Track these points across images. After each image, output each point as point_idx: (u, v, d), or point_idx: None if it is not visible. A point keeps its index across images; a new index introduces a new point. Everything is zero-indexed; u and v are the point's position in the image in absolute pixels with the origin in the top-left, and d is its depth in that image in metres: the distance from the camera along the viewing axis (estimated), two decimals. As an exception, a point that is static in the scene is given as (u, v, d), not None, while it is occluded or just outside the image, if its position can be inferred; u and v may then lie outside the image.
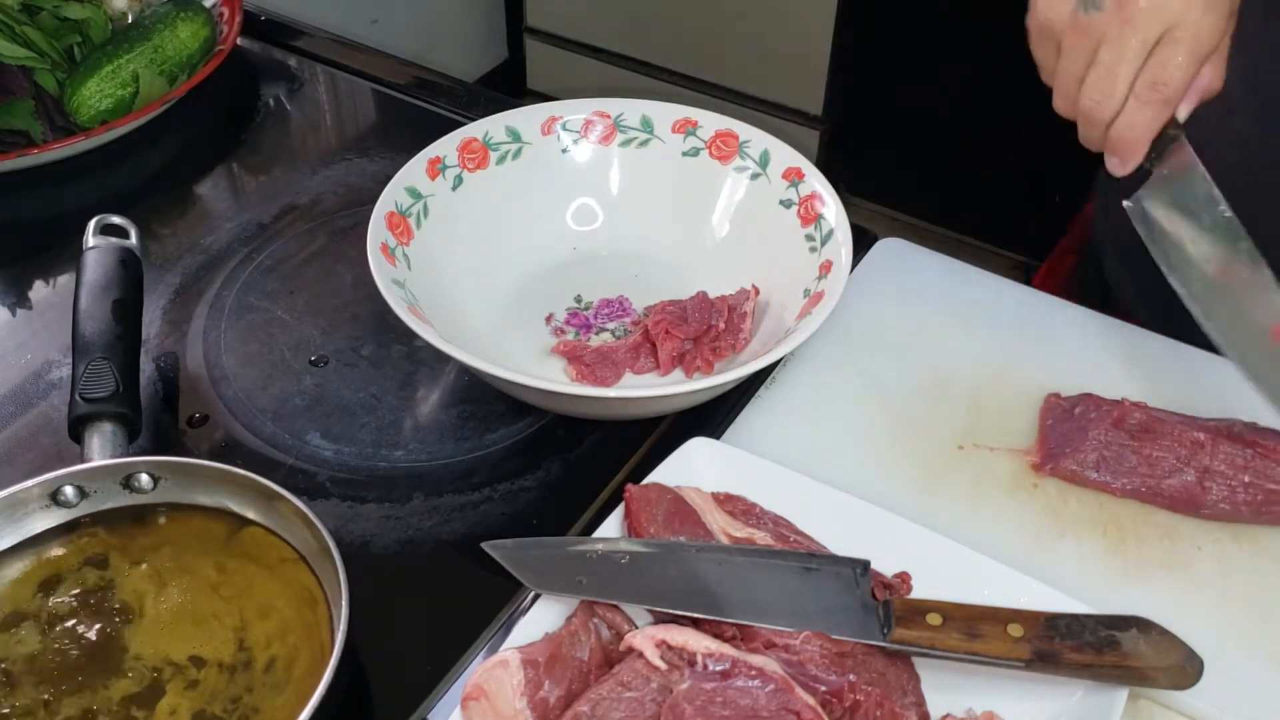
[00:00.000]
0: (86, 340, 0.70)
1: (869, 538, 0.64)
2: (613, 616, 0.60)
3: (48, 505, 0.63)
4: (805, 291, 0.76)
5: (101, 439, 0.66)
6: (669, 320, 0.76)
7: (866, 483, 0.70)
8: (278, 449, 0.73)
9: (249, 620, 0.59)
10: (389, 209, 0.77)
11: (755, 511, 0.66)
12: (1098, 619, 0.59)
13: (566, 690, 0.56)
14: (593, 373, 0.76)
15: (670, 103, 0.86)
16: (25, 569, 0.61)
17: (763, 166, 0.83)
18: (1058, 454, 0.71)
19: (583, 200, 0.87)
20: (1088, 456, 0.70)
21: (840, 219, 0.77)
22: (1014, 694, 0.58)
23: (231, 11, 1.06)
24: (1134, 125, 0.65)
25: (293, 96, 1.08)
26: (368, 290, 0.75)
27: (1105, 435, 0.70)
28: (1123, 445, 0.70)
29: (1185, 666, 0.57)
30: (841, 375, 0.77)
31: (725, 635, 0.58)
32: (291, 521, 0.61)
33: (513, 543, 0.62)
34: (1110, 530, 0.69)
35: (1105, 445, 0.70)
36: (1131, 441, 0.70)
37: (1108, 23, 0.63)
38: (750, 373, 0.69)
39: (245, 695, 0.56)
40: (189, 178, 0.98)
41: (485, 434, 0.75)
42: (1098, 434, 0.70)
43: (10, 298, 0.85)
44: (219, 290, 0.85)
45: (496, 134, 0.84)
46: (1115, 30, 0.63)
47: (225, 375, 0.78)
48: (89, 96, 0.95)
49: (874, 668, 0.58)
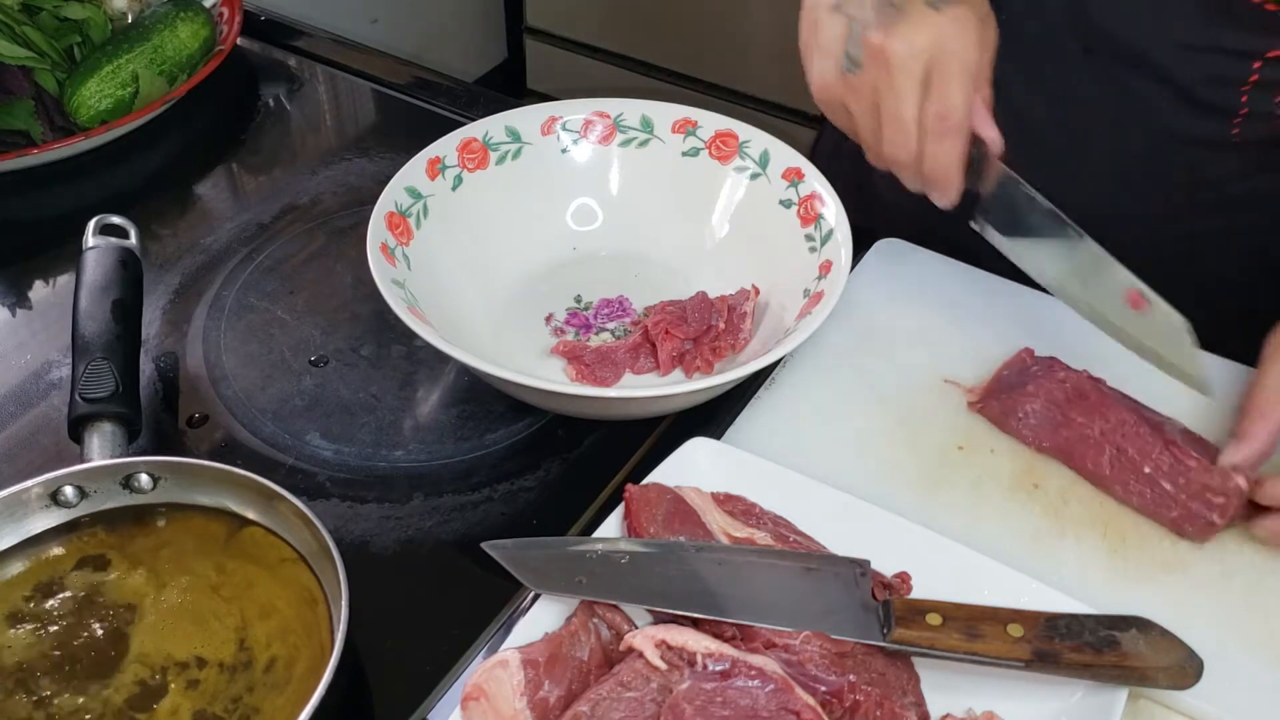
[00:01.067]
0: (86, 340, 0.70)
1: (869, 538, 0.63)
2: (613, 616, 0.60)
3: (48, 505, 0.63)
4: (805, 291, 0.76)
5: (101, 439, 0.66)
6: (669, 320, 0.76)
7: (866, 483, 0.70)
8: (278, 449, 0.73)
9: (249, 620, 0.59)
10: (389, 209, 0.77)
11: (755, 511, 0.66)
12: (1098, 619, 0.59)
13: (566, 690, 0.56)
14: (593, 373, 0.76)
15: (670, 103, 0.86)
16: (25, 569, 0.61)
17: (762, 166, 0.83)
18: (992, 396, 0.73)
19: (582, 200, 0.87)
20: (1019, 405, 0.72)
21: (840, 219, 0.77)
22: (1014, 694, 0.58)
23: (231, 11, 1.06)
24: (937, 158, 0.66)
25: (293, 96, 1.08)
26: (368, 290, 0.75)
27: (1043, 392, 0.72)
28: (1055, 405, 0.71)
29: (1185, 666, 0.58)
30: (841, 375, 0.77)
31: (725, 635, 0.58)
32: (291, 521, 0.61)
33: (513, 543, 0.62)
34: (1110, 531, 0.69)
35: (1038, 399, 0.72)
36: (1064, 403, 0.71)
37: (875, 76, 0.65)
38: (750, 373, 0.69)
39: (246, 695, 0.56)
40: (189, 178, 0.98)
41: (485, 434, 0.75)
42: (1035, 388, 0.72)
43: (10, 298, 0.85)
44: (219, 290, 0.85)
45: (496, 134, 0.84)
46: (885, 80, 0.64)
47: (225, 375, 0.78)
48: (89, 96, 0.95)
49: (874, 668, 0.58)
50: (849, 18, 0.65)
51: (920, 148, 0.66)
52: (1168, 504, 0.68)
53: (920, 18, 0.63)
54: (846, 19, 0.65)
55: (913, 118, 0.65)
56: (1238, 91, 0.74)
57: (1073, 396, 0.71)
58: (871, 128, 0.67)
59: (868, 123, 0.67)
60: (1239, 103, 0.75)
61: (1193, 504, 0.67)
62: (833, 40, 0.66)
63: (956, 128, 0.65)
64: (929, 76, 0.64)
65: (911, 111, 0.65)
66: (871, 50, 0.64)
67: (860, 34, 0.64)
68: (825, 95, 0.68)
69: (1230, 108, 0.75)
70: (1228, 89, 0.74)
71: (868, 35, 0.64)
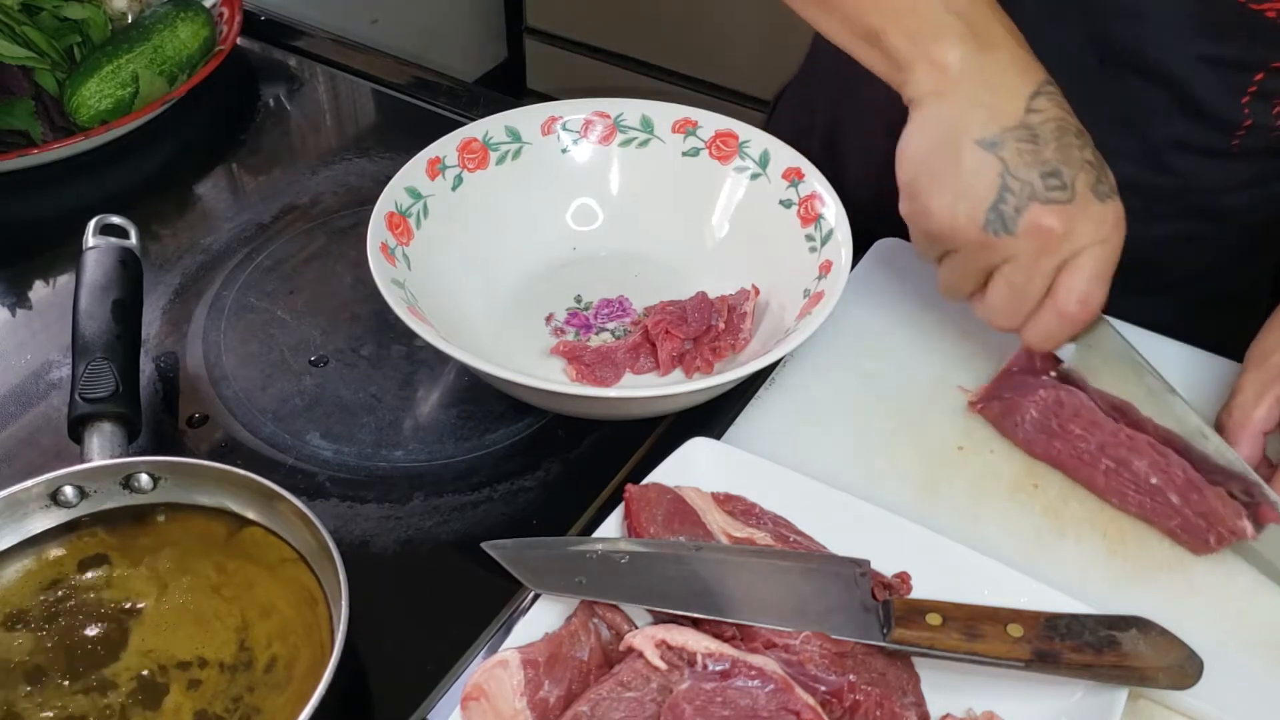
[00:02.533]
0: (86, 340, 0.70)
1: (869, 538, 0.63)
2: (613, 616, 0.60)
3: (48, 505, 0.63)
4: (805, 291, 0.76)
5: (101, 439, 0.66)
6: (669, 320, 0.76)
7: (866, 483, 0.70)
8: (278, 449, 0.73)
9: (250, 620, 0.59)
10: (389, 209, 0.77)
11: (755, 511, 0.66)
12: (1098, 619, 0.59)
13: (566, 690, 0.56)
14: (593, 373, 0.76)
15: (670, 103, 0.86)
16: (25, 569, 0.61)
17: (762, 166, 0.83)
18: (995, 397, 0.72)
19: (582, 200, 0.87)
20: (1016, 410, 0.71)
21: (840, 219, 0.77)
22: (1014, 694, 0.58)
23: (231, 11, 1.06)
24: (1053, 336, 0.65)
25: (293, 96, 1.08)
26: (368, 290, 0.75)
27: (1047, 399, 0.70)
28: (1054, 414, 0.70)
29: (1185, 666, 0.58)
30: (841, 375, 0.77)
31: (725, 635, 0.58)
32: (291, 521, 0.62)
33: (513, 543, 0.62)
34: (1110, 531, 0.69)
35: (1034, 407, 0.70)
36: (1063, 414, 0.70)
37: (1017, 245, 0.62)
38: (750, 373, 0.69)
39: (246, 695, 0.56)
40: (189, 178, 0.98)
41: (485, 434, 0.75)
42: (1033, 396, 0.70)
43: (10, 298, 0.85)
44: (219, 290, 0.85)
45: (496, 134, 0.84)
46: (1030, 256, 0.62)
47: (225, 375, 0.78)
48: (89, 96, 0.95)
49: (874, 668, 0.58)
50: (1007, 171, 0.61)
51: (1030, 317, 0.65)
52: (1169, 513, 0.67)
53: (1089, 208, 0.61)
54: (1001, 167, 0.61)
55: (1037, 297, 0.63)
56: (1240, 103, 0.74)
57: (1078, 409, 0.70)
58: (978, 280, 0.65)
59: (975, 275, 0.65)
60: (1243, 114, 0.75)
61: (1197, 521, 0.66)
62: (982, 187, 0.61)
63: (1088, 319, 0.64)
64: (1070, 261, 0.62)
65: (1041, 290, 0.63)
66: (1037, 228, 0.60)
67: (1024, 203, 0.61)
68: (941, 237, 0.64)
69: (1234, 119, 0.75)
70: (1233, 100, 0.74)
71: (1034, 211, 0.60)
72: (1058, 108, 0.62)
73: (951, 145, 0.62)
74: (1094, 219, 0.61)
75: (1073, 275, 0.62)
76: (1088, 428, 0.69)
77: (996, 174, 0.61)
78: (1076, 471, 0.70)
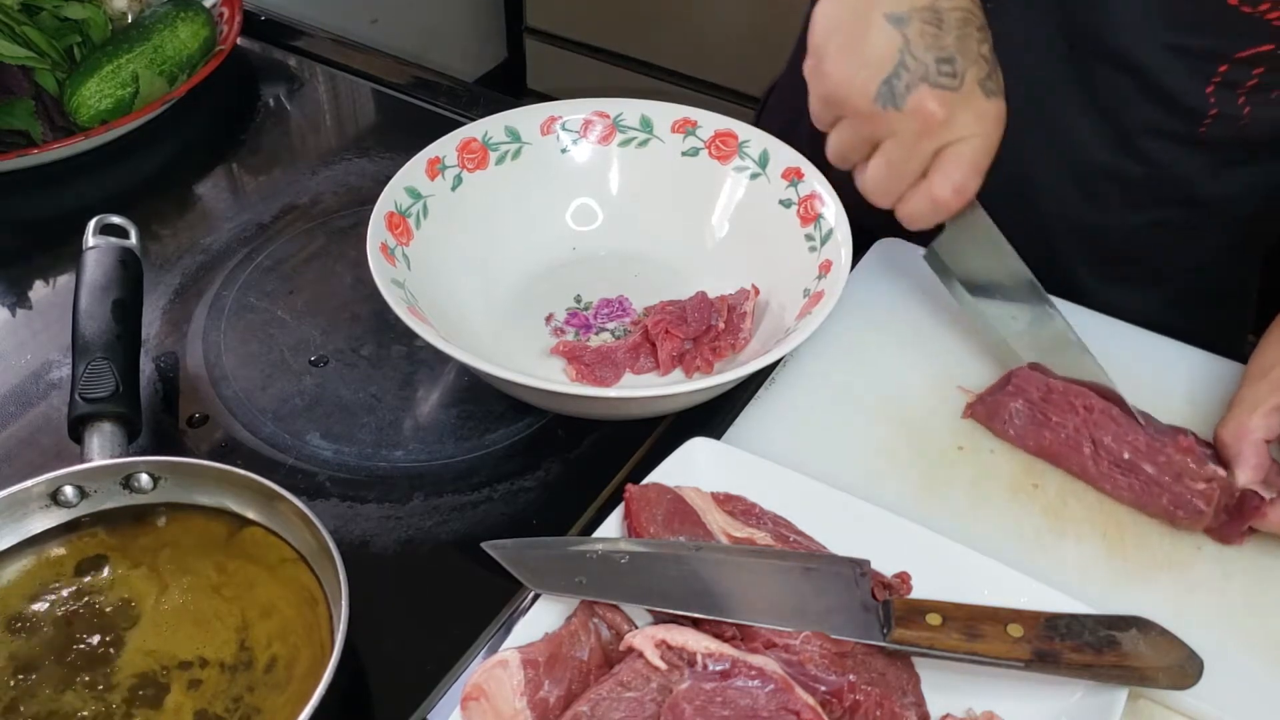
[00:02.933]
0: (86, 340, 0.70)
1: (869, 538, 0.63)
2: (613, 616, 0.60)
3: (48, 505, 0.63)
4: (805, 291, 0.76)
5: (101, 439, 0.66)
6: (669, 320, 0.76)
7: (866, 483, 0.70)
8: (278, 449, 0.73)
9: (250, 620, 0.59)
10: (389, 209, 0.77)
11: (755, 511, 0.66)
12: (1097, 619, 0.59)
13: (566, 690, 0.56)
14: (593, 373, 0.76)
15: (670, 103, 0.86)
16: (25, 569, 0.61)
17: (762, 166, 0.83)
18: (979, 400, 0.74)
19: (582, 200, 0.87)
20: (1003, 407, 0.72)
21: (840, 218, 0.77)
22: (1014, 694, 0.58)
23: (231, 11, 1.06)
24: (924, 216, 0.67)
25: (293, 96, 1.08)
26: (368, 290, 0.75)
27: (1022, 392, 0.72)
28: (1035, 408, 0.72)
29: (1185, 666, 0.58)
30: (841, 375, 0.77)
31: (725, 635, 0.58)
32: (291, 521, 0.62)
33: (513, 543, 0.62)
34: (1110, 531, 0.69)
35: (1018, 399, 0.72)
36: (1041, 402, 0.71)
37: (904, 124, 0.64)
38: (750, 373, 0.69)
39: (246, 695, 0.56)
40: (189, 178, 0.98)
41: (485, 434, 0.75)
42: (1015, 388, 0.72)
43: (10, 298, 0.85)
44: (219, 290, 0.85)
45: (496, 134, 0.84)
46: (910, 136, 0.64)
47: (225, 375, 0.78)
48: (89, 96, 0.95)
49: (874, 668, 0.58)
50: (907, 48, 0.62)
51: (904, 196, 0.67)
52: (1156, 491, 0.67)
53: (973, 100, 0.63)
54: (902, 44, 0.62)
55: (913, 176, 0.66)
56: (1205, 92, 0.75)
57: (1046, 394, 0.71)
58: (864, 151, 0.67)
59: (861, 145, 0.67)
60: (1208, 103, 0.76)
61: (1177, 487, 0.67)
62: (882, 58, 0.63)
63: (959, 207, 0.66)
64: (948, 148, 0.64)
65: (916, 171, 0.65)
66: (921, 109, 0.63)
67: (915, 82, 0.62)
68: (837, 104, 0.66)
69: (1200, 108, 0.76)
70: (1198, 88, 0.75)
71: (922, 93, 0.62)
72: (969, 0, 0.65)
73: (863, 14, 0.64)
74: (976, 112, 0.64)
75: (948, 162, 0.65)
76: (1062, 414, 0.70)
77: (897, 49, 0.63)
78: (1068, 460, 0.71)
